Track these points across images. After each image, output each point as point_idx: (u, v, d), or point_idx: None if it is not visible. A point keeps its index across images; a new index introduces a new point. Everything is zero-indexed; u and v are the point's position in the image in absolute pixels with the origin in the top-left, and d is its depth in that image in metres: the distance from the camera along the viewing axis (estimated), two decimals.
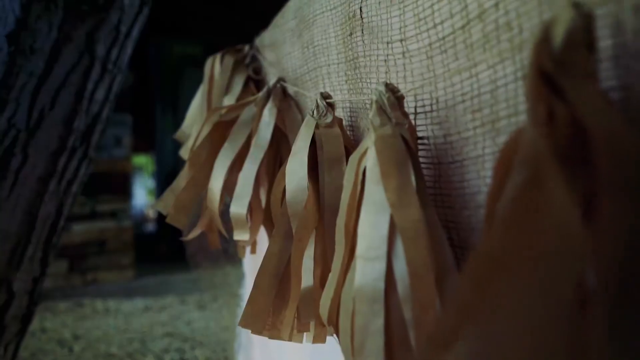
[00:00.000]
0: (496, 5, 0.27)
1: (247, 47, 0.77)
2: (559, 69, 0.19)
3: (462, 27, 0.30)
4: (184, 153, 0.79)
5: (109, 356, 1.92)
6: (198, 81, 0.80)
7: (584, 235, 0.16)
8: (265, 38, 0.75)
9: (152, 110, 5.38)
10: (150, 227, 7.91)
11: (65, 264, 3.08)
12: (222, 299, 2.82)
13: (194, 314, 2.55)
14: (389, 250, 0.30)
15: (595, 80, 0.20)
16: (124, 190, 3.41)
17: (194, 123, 0.78)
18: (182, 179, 0.60)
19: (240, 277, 1.02)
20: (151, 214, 9.85)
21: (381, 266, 0.30)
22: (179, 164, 4.74)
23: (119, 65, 0.95)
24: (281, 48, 0.66)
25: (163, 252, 4.69)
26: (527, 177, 0.17)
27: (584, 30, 0.20)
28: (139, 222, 7.09)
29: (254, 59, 0.76)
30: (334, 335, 0.38)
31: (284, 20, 0.64)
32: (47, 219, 0.91)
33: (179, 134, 0.81)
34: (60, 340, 2.10)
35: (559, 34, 0.20)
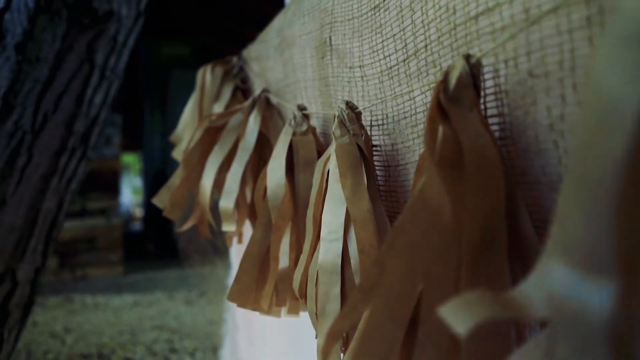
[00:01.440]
0: (425, 47, 0.36)
1: (235, 59, 0.85)
2: (450, 102, 0.28)
3: (404, 60, 0.39)
4: (177, 154, 0.86)
5: (101, 346, 1.99)
6: (186, 82, 0.88)
7: (452, 215, 0.25)
8: (251, 51, 0.83)
9: (139, 110, 5.41)
10: (137, 225, 7.93)
11: (55, 260, 3.14)
12: (208, 295, 2.90)
13: (181, 309, 2.63)
14: (345, 234, 0.39)
15: (478, 110, 0.29)
16: (113, 189, 3.47)
17: (187, 127, 0.86)
18: (177, 178, 0.68)
19: (227, 269, 1.10)
20: (137, 213, 9.84)
21: (339, 246, 0.39)
22: (166, 163, 4.79)
23: (116, 72, 1.03)
24: (265, 62, 0.74)
25: (150, 251, 4.75)
26: (421, 177, 0.26)
27: (472, 75, 0.29)
28: (126, 220, 7.09)
29: (241, 69, 0.84)
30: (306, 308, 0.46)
31: (268, 37, 0.73)
32: (48, 214, 0.98)
33: (172, 137, 0.89)
34: (52, 333, 2.16)
35: (453, 77, 0.29)
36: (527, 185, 0.28)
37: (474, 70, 0.29)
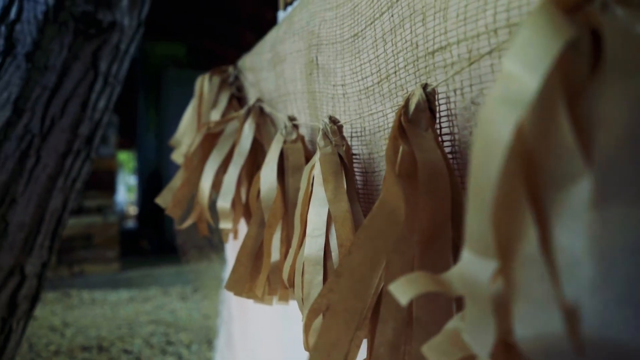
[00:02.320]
0: (395, 73, 0.43)
1: (231, 68, 0.91)
2: (409, 124, 0.35)
3: (378, 82, 0.46)
4: (176, 157, 0.93)
5: (100, 339, 2.05)
6: (180, 81, 0.94)
7: (407, 215, 0.31)
8: (246, 61, 0.89)
9: (134, 109, 5.45)
10: (131, 223, 7.97)
11: (53, 256, 3.18)
12: (203, 291, 2.96)
13: (176, 304, 2.69)
14: (327, 231, 0.46)
15: (433, 130, 0.36)
16: (110, 187, 3.53)
17: (186, 131, 0.92)
18: (178, 180, 0.75)
19: (223, 264, 1.17)
20: (131, 211, 9.86)
21: (321, 241, 0.45)
22: (160, 162, 4.84)
23: (118, 78, 1.09)
24: (259, 73, 0.81)
25: (144, 248, 4.80)
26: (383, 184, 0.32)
27: (427, 101, 0.36)
28: (120, 218, 7.13)
29: (237, 78, 0.90)
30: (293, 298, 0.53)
31: (262, 50, 0.79)
32: (54, 212, 1.04)
33: (172, 141, 0.95)
34: (52, 326, 2.22)
35: (412, 103, 0.36)
36: None
37: (429, 97, 0.36)
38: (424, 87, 0.36)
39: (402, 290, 0.25)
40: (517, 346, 0.20)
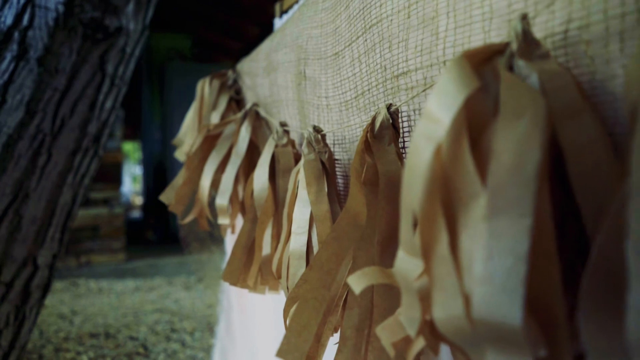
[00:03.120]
0: (368, 90, 0.48)
1: (230, 72, 0.97)
2: (374, 139, 0.41)
3: (355, 97, 0.51)
4: (179, 155, 0.99)
5: (107, 326, 2.13)
6: (184, 74, 0.99)
7: (369, 218, 0.37)
8: (244, 66, 0.95)
9: (138, 100, 5.51)
10: (136, 213, 8.06)
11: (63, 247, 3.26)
12: (206, 281, 3.04)
13: (180, 293, 2.77)
14: (309, 229, 0.51)
15: (396, 144, 0.41)
16: (116, 179, 3.60)
17: (188, 132, 0.98)
18: (180, 178, 0.81)
19: (223, 256, 1.23)
20: (136, 201, 9.93)
21: (304, 238, 0.51)
22: (165, 153, 4.90)
23: (124, 80, 1.15)
24: (255, 78, 0.86)
25: (149, 238, 4.88)
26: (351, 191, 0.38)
27: (391, 119, 0.42)
28: (125, 209, 7.20)
29: (236, 82, 0.96)
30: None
31: (258, 58, 0.85)
32: (64, 206, 1.10)
33: (175, 140, 1.01)
34: (60, 314, 2.30)
35: (378, 121, 0.41)
36: None
37: (393, 116, 0.42)
38: (388, 107, 0.42)
39: (357, 282, 0.31)
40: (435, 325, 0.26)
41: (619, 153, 0.26)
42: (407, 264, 0.27)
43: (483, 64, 0.28)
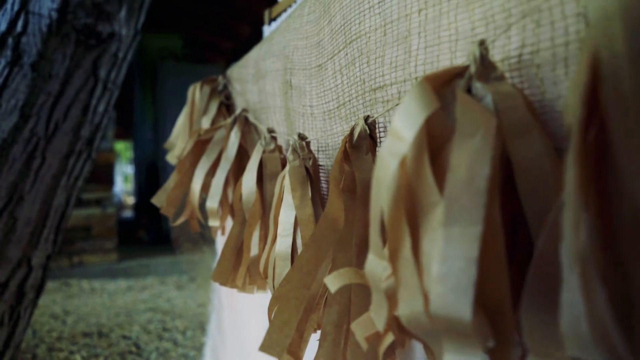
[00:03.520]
0: (349, 101, 0.51)
1: (220, 78, 0.99)
2: (353, 149, 0.44)
3: (337, 107, 0.54)
4: (170, 158, 1.01)
5: (100, 326, 2.15)
6: (176, 74, 1.01)
7: (345, 222, 0.40)
8: (234, 72, 0.97)
9: (130, 100, 5.51)
10: (128, 213, 8.05)
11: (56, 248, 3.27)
12: (198, 280, 3.06)
13: (173, 293, 2.79)
14: (294, 231, 0.54)
15: (373, 153, 0.44)
16: (108, 180, 3.61)
17: (179, 136, 1.00)
18: (172, 182, 0.83)
19: (214, 256, 1.25)
20: (128, 200, 9.91)
21: (289, 240, 0.54)
22: (157, 153, 4.91)
23: (117, 84, 1.17)
24: (245, 85, 0.89)
25: (142, 238, 4.89)
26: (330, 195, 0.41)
27: (369, 130, 0.45)
28: (117, 208, 7.20)
29: (226, 87, 0.99)
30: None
31: (247, 65, 0.87)
32: (58, 208, 1.12)
33: (166, 144, 1.03)
34: (53, 314, 2.32)
35: (356, 132, 0.44)
36: None
37: (370, 127, 0.45)
38: (366, 118, 0.45)
39: (333, 282, 0.34)
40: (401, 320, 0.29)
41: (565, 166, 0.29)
42: (376, 266, 0.30)
43: (444, 85, 0.31)
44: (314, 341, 0.46)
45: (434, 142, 0.29)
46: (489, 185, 0.26)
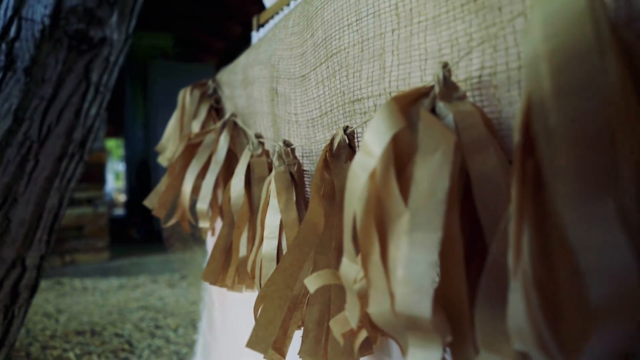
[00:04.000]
0: (331, 111, 0.54)
1: (210, 82, 1.02)
2: (333, 158, 0.47)
3: (319, 116, 0.57)
4: (162, 161, 1.04)
5: (92, 324, 2.17)
6: (167, 73, 1.04)
7: (325, 227, 0.43)
8: (224, 76, 1.00)
9: (122, 99, 5.51)
10: (120, 211, 8.04)
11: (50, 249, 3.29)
12: (189, 278, 3.09)
13: (165, 291, 2.81)
14: (280, 234, 0.57)
15: (351, 161, 0.47)
16: (99, 179, 3.62)
17: (170, 139, 1.03)
18: (163, 184, 0.86)
19: (205, 255, 1.28)
20: (120, 198, 9.89)
21: (275, 242, 0.57)
22: (148, 151, 4.91)
23: (108, 87, 1.19)
24: (234, 90, 0.92)
25: (133, 237, 4.90)
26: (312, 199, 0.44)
27: (348, 140, 0.48)
28: (108, 206, 7.17)
29: (215, 91, 1.01)
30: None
31: (236, 71, 0.90)
32: (51, 209, 1.15)
33: (158, 147, 1.06)
34: (46, 313, 2.34)
35: (336, 141, 0.47)
36: None
37: (349, 137, 0.48)
38: (345, 129, 0.48)
39: (312, 283, 0.37)
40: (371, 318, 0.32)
41: None
42: (349, 269, 0.34)
43: (412, 104, 0.34)
44: (297, 337, 0.49)
45: (400, 157, 0.32)
46: (448, 196, 0.29)
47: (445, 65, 0.34)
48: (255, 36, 1.01)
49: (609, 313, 0.19)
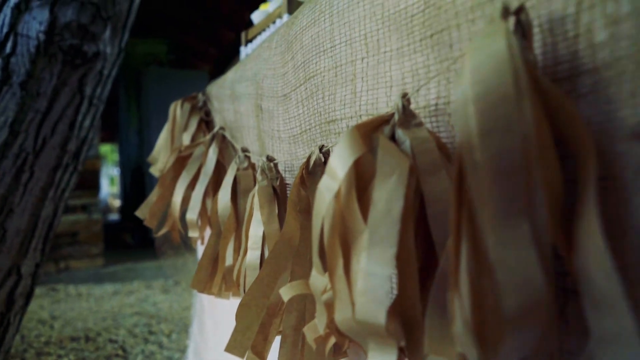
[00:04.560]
0: (309, 129, 0.58)
1: (200, 95, 1.06)
2: (309, 175, 0.50)
3: (300, 133, 0.61)
4: (154, 171, 1.07)
5: (87, 330, 2.19)
6: (161, 79, 1.07)
7: (301, 240, 0.47)
8: (213, 90, 1.03)
9: (116, 105, 5.53)
10: (114, 216, 8.04)
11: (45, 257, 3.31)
12: (183, 284, 3.11)
13: (159, 297, 2.84)
14: (262, 245, 0.61)
15: None
16: (94, 186, 3.64)
17: (161, 150, 1.06)
18: (154, 195, 0.89)
19: (196, 263, 1.32)
20: (114, 204, 9.88)
21: (258, 252, 0.61)
22: (142, 157, 4.93)
23: (102, 99, 1.22)
24: (222, 104, 0.95)
25: (127, 242, 4.91)
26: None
27: (323, 158, 0.51)
28: (103, 211, 7.16)
29: (205, 104, 1.05)
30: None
31: (224, 85, 0.94)
32: (46, 219, 1.18)
33: (150, 158, 1.09)
34: (40, 319, 2.36)
35: (312, 159, 0.51)
36: None
37: (325, 155, 0.51)
38: (320, 148, 0.51)
39: (286, 292, 0.40)
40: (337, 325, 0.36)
41: None
42: (317, 281, 0.37)
43: (374, 130, 0.37)
44: (277, 342, 0.53)
45: (362, 179, 0.36)
46: (403, 215, 0.33)
47: (404, 95, 0.38)
48: (244, 51, 1.04)
49: (518, 321, 0.23)
